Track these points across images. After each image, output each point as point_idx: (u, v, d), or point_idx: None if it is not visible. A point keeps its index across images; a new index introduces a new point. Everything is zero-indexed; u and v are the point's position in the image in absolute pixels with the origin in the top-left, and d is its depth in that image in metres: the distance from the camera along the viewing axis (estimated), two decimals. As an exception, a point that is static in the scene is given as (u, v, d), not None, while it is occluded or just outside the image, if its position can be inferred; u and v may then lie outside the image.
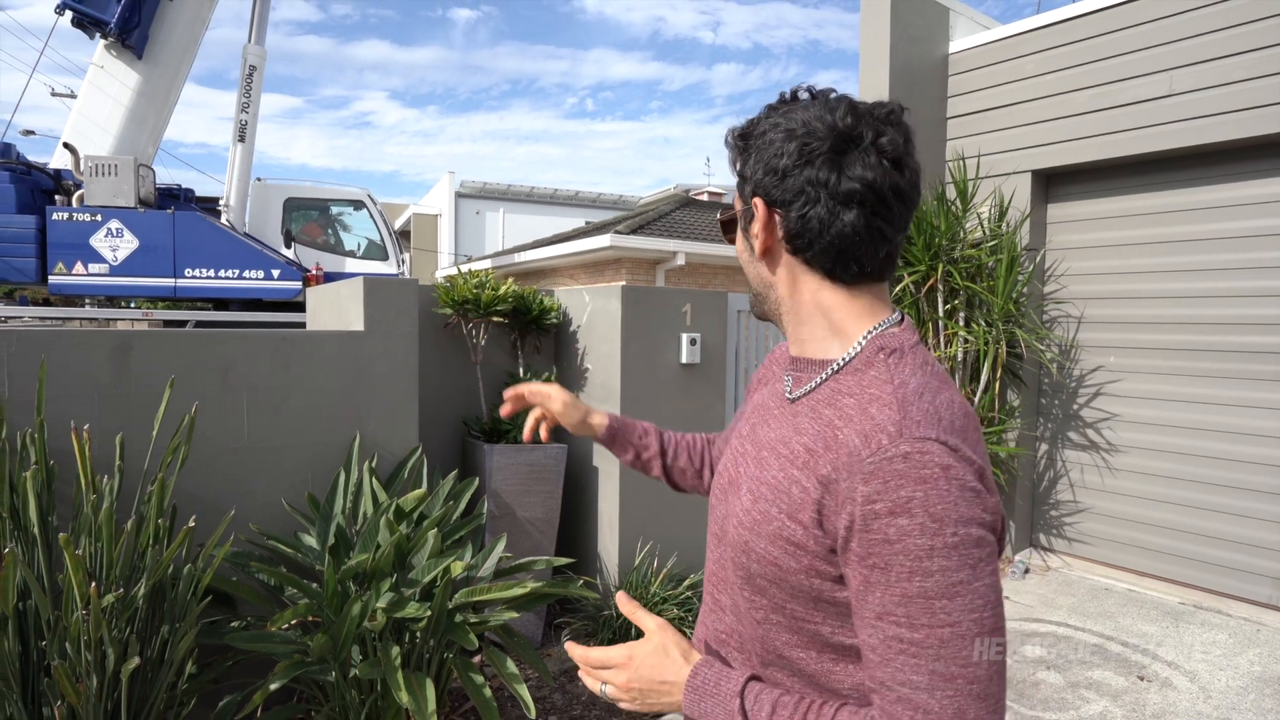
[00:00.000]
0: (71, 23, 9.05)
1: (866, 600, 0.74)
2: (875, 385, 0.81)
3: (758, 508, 0.85)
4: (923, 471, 0.72)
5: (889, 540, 0.71)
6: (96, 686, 1.78)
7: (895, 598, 0.72)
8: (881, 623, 0.73)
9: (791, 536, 0.80)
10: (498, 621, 2.45)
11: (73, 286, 8.76)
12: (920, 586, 0.71)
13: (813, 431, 0.82)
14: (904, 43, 4.95)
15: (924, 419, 0.75)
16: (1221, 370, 4.19)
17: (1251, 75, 3.86)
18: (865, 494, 0.73)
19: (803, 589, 0.81)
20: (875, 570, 0.73)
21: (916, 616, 0.71)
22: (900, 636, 0.72)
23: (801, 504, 0.79)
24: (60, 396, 2.40)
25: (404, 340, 3.05)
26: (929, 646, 0.71)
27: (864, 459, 0.74)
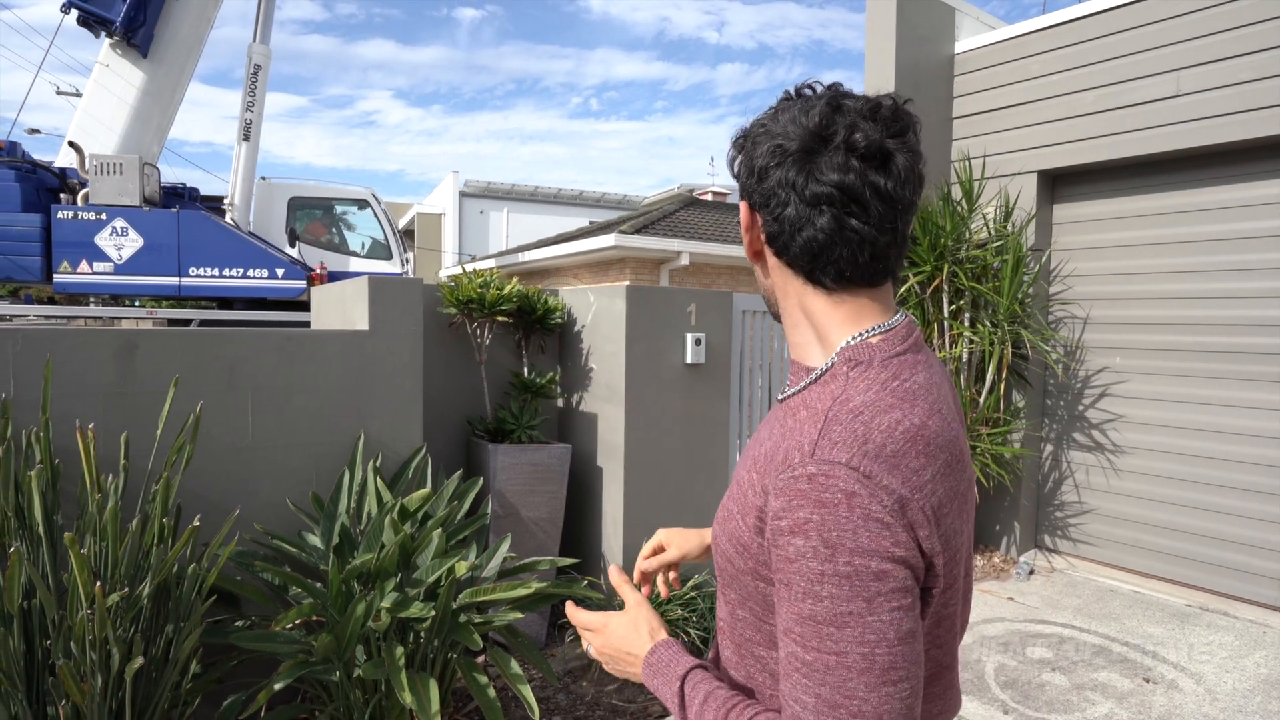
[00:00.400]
0: (77, 21, 9.07)
1: (778, 612, 0.75)
2: (822, 400, 0.79)
3: (726, 505, 0.87)
4: (823, 495, 0.71)
5: (789, 559, 0.72)
6: (101, 686, 1.78)
7: (794, 616, 0.72)
8: (785, 638, 0.74)
9: (741, 537, 0.81)
10: (502, 622, 2.44)
11: (77, 285, 8.78)
12: (811, 609, 0.70)
13: (774, 438, 0.82)
14: (910, 43, 4.93)
15: (843, 441, 0.73)
16: (1229, 372, 4.17)
17: (1259, 76, 3.85)
18: (774, 509, 0.74)
19: (752, 590, 0.82)
20: (780, 585, 0.74)
21: (808, 638, 0.71)
22: (795, 654, 0.72)
23: (750, 508, 0.80)
24: (65, 395, 2.40)
25: (409, 340, 3.05)
26: (817, 670, 0.70)
27: (779, 474, 0.75)
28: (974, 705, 2.97)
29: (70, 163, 9.13)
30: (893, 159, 0.79)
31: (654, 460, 3.61)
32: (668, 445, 3.65)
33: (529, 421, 3.53)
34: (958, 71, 5.18)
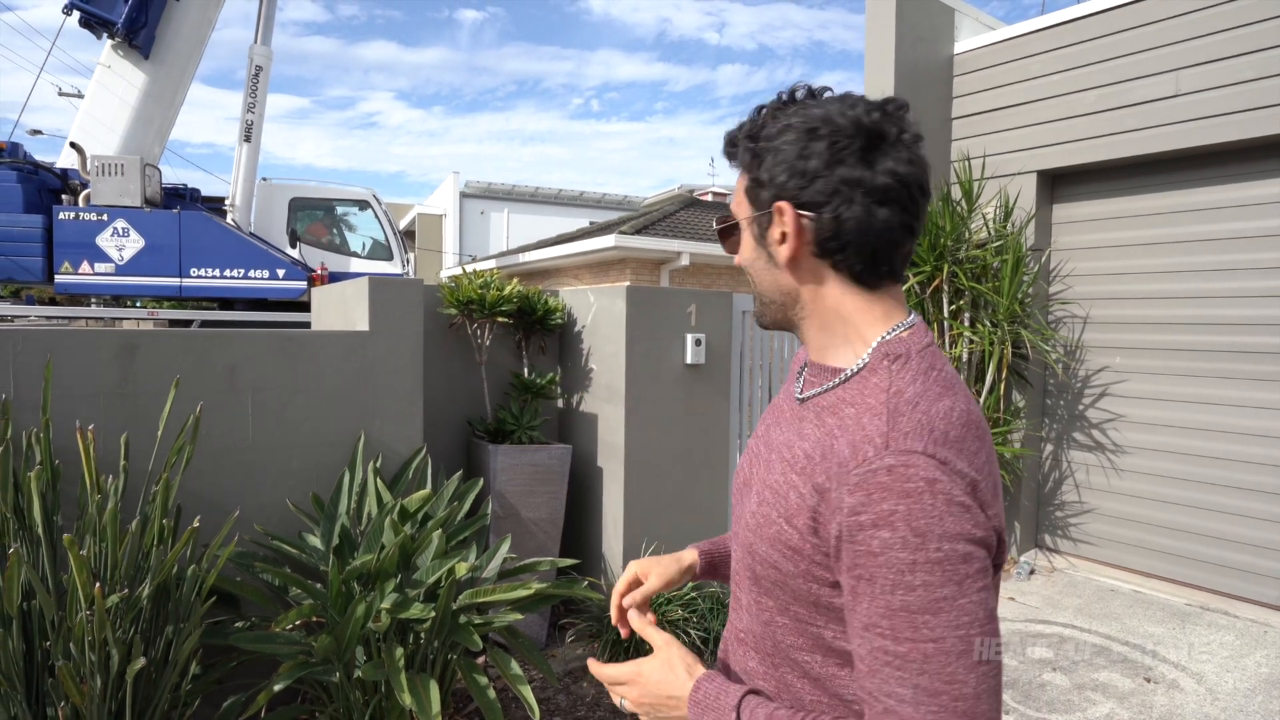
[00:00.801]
0: (79, 23, 9.09)
1: (855, 610, 0.74)
2: (873, 394, 0.80)
3: (761, 510, 0.85)
4: (906, 485, 0.71)
5: (873, 553, 0.71)
6: (101, 687, 1.78)
7: (880, 610, 0.71)
8: (868, 633, 0.73)
9: (789, 541, 0.80)
10: (502, 623, 2.44)
11: (79, 286, 8.79)
12: (903, 600, 0.70)
13: (814, 438, 0.82)
14: (909, 43, 4.93)
15: (913, 430, 0.74)
16: (1229, 371, 4.17)
17: (1258, 75, 3.84)
18: (850, 505, 0.73)
19: (802, 593, 0.81)
20: (861, 581, 0.73)
21: (900, 630, 0.70)
22: (885, 649, 0.71)
23: (798, 510, 0.79)
24: (66, 396, 2.40)
25: (409, 340, 3.05)
26: (913, 660, 0.70)
27: (850, 470, 0.74)
28: (974, 705, 2.97)
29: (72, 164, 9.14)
30: (924, 157, 0.85)
31: (654, 461, 3.61)
32: (668, 445, 3.65)
33: (529, 422, 3.53)
34: (957, 72, 5.18)
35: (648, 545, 3.57)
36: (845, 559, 0.74)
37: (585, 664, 3.26)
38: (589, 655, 3.31)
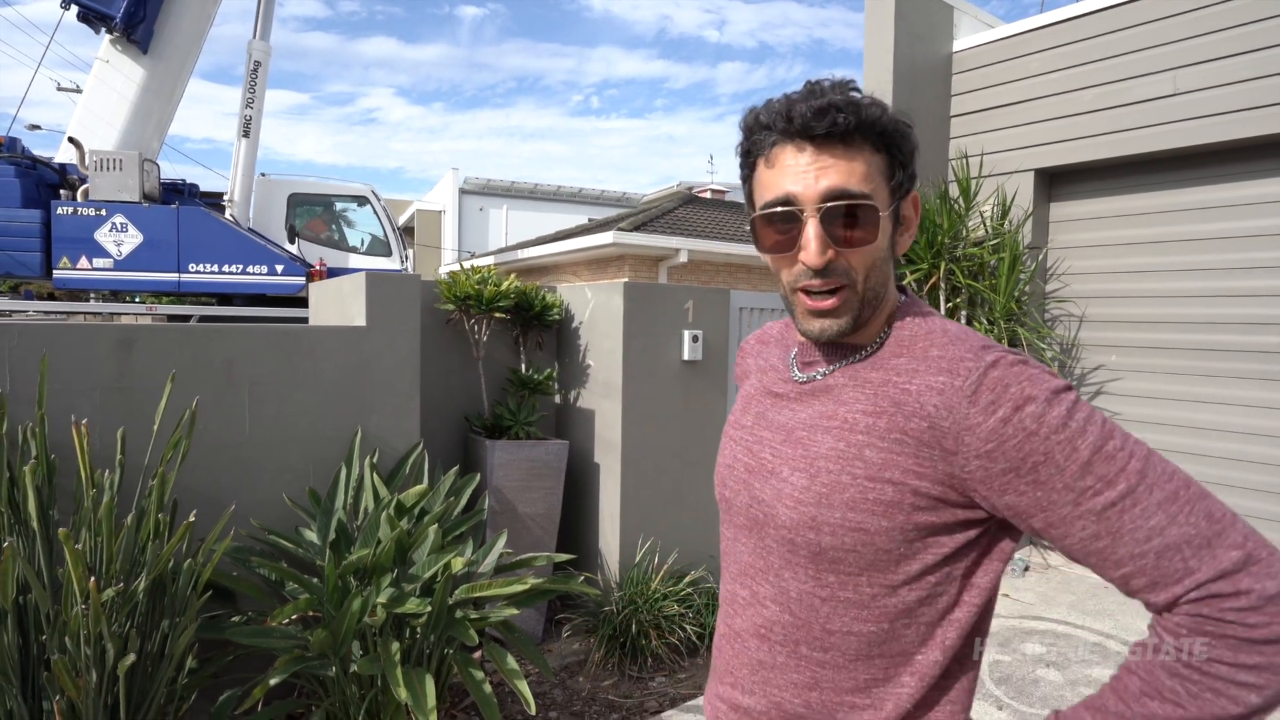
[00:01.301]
0: (77, 17, 9.06)
1: (1053, 500, 0.73)
2: (920, 338, 0.85)
3: (820, 480, 0.83)
4: (1013, 370, 0.75)
5: (1032, 431, 0.72)
6: (96, 681, 1.79)
7: (1076, 471, 0.71)
8: (1082, 505, 0.72)
9: (880, 496, 0.79)
10: (498, 617, 2.45)
11: (77, 281, 8.78)
12: (1089, 444, 0.71)
13: (867, 398, 0.83)
14: (908, 41, 4.93)
15: (984, 343, 0.81)
16: (1224, 370, 4.18)
17: (1256, 75, 3.85)
18: (982, 412, 0.74)
19: (885, 548, 0.80)
20: (1040, 466, 0.72)
21: (1105, 472, 0.71)
22: (1109, 501, 0.71)
23: (884, 464, 0.79)
24: (62, 391, 2.41)
25: (406, 336, 3.06)
26: (1136, 487, 0.70)
27: (962, 387, 0.76)
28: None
29: (70, 158, 9.13)
30: None
31: (651, 456, 3.62)
32: (665, 442, 3.66)
33: (526, 418, 3.54)
34: (956, 70, 5.18)
35: (644, 541, 3.58)
36: (1006, 467, 0.74)
37: (582, 659, 3.26)
38: (585, 650, 3.32)
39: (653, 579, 3.41)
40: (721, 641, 0.97)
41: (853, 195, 0.81)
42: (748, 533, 0.93)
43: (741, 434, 0.98)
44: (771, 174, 0.84)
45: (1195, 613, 0.69)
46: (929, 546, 0.80)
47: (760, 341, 1.09)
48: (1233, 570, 0.68)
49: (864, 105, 0.82)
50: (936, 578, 0.81)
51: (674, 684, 3.09)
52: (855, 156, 0.82)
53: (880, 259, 0.85)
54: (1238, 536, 0.69)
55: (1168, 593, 0.70)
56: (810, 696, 0.87)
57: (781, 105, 0.83)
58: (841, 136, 0.81)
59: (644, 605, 3.27)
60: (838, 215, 0.81)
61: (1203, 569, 0.68)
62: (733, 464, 0.97)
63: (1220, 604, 0.67)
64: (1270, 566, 0.68)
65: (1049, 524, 0.74)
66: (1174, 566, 0.69)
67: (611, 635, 3.22)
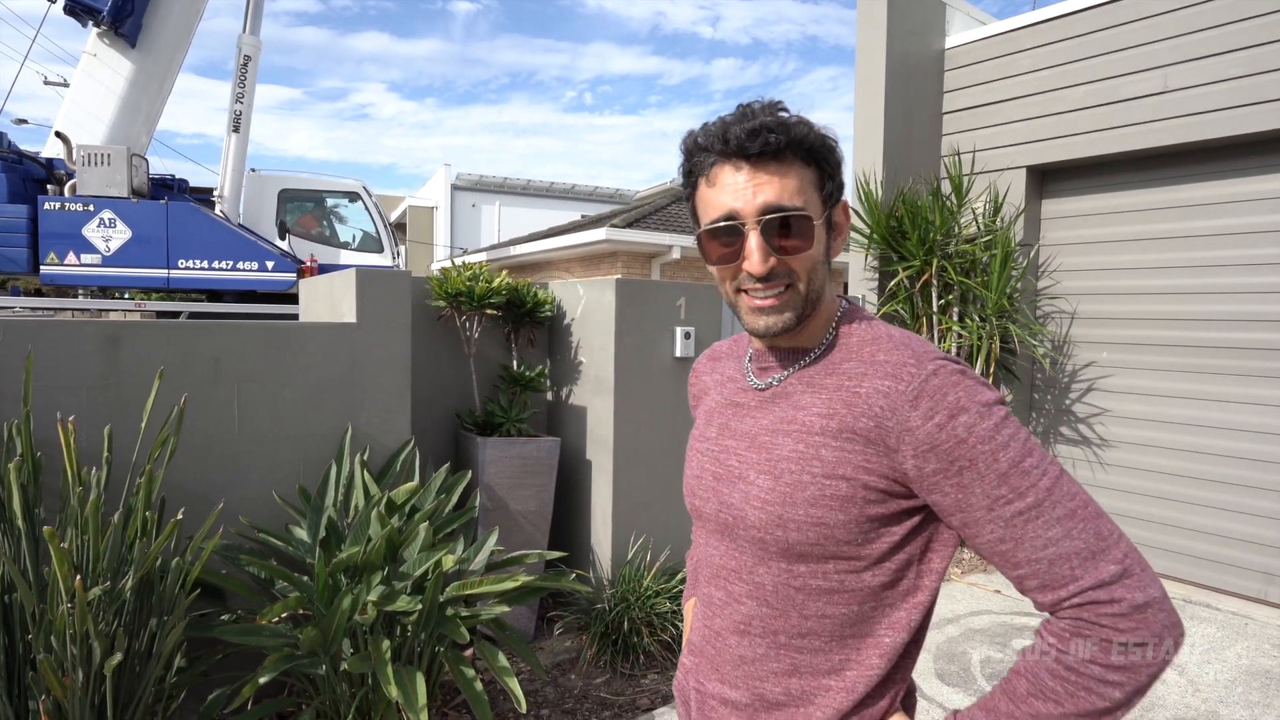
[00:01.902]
0: (64, 10, 8.98)
1: (971, 503, 0.82)
2: (868, 344, 0.93)
3: (784, 481, 0.91)
4: (951, 379, 0.84)
5: (962, 439, 0.81)
6: (82, 680, 1.77)
7: (994, 480, 0.80)
8: (994, 511, 0.81)
9: (836, 493, 0.87)
10: (490, 615, 2.44)
11: (65, 277, 8.71)
12: (1009, 459, 0.80)
13: (821, 401, 0.91)
14: (900, 38, 4.93)
15: (926, 350, 0.89)
16: (1214, 366, 4.20)
17: (1247, 72, 3.86)
18: (922, 416, 0.83)
19: (845, 539, 0.88)
20: (965, 471, 0.81)
21: (1019, 485, 0.80)
22: (1018, 510, 0.80)
23: (838, 462, 0.88)
24: (48, 388, 2.38)
25: (397, 332, 3.04)
26: (1042, 502, 0.80)
27: (905, 392, 0.84)
28: (959, 696, 2.99)
29: (57, 153, 9.05)
30: None
31: (643, 453, 3.61)
32: (657, 438, 3.65)
33: (518, 415, 3.53)
34: (948, 66, 5.18)
35: (636, 538, 3.57)
36: (937, 466, 0.82)
37: (573, 656, 3.26)
38: (577, 648, 3.32)
39: (645, 576, 3.40)
40: (704, 643, 1.03)
41: (787, 208, 0.89)
42: (719, 537, 1.00)
43: (707, 445, 1.04)
44: (713, 192, 0.92)
45: (1076, 616, 0.79)
46: (882, 535, 0.89)
47: (712, 359, 1.17)
48: (1110, 581, 0.78)
49: (792, 125, 0.89)
50: (895, 564, 0.90)
51: (666, 681, 3.09)
52: (787, 172, 0.89)
53: (817, 262, 0.93)
54: (1119, 553, 0.79)
55: (1054, 595, 0.80)
56: (790, 683, 0.94)
57: (718, 128, 0.90)
58: (774, 154, 0.89)
59: (636, 602, 3.26)
60: (775, 227, 0.89)
61: (1085, 578, 0.78)
62: (700, 474, 1.04)
63: (1097, 609, 0.78)
64: (1141, 581, 0.78)
65: (964, 523, 0.84)
66: (1062, 573, 0.79)
67: (603, 632, 3.22)
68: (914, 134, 5.08)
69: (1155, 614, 0.77)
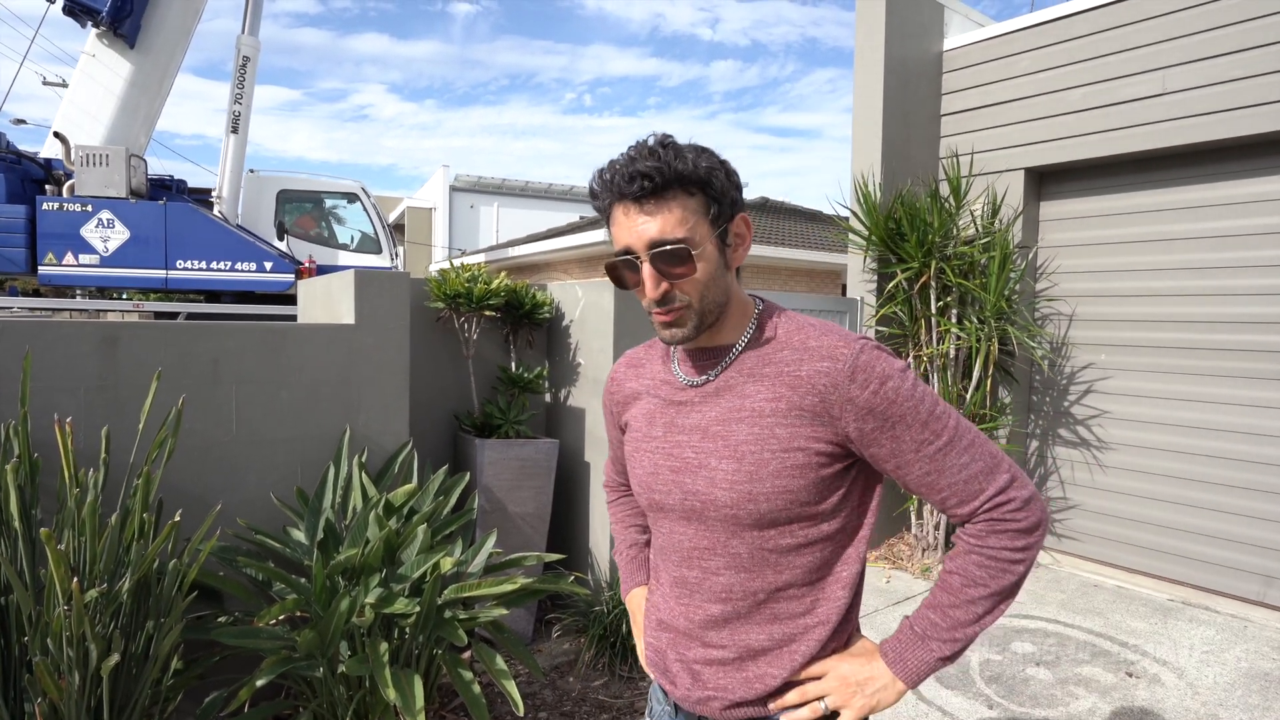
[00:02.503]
0: (63, 10, 8.97)
1: (902, 449, 1.02)
2: (796, 334, 1.08)
3: (747, 462, 1.04)
4: (875, 353, 1.03)
5: (893, 400, 1.00)
6: (79, 683, 1.77)
7: (919, 427, 1.01)
8: (921, 450, 1.02)
9: (795, 462, 1.03)
10: (488, 617, 2.44)
11: (63, 277, 8.70)
12: (927, 409, 1.01)
13: (766, 388, 1.06)
14: (899, 40, 4.93)
15: (846, 333, 1.06)
16: (1212, 368, 4.20)
17: (1245, 74, 3.86)
18: (859, 387, 1.01)
19: (806, 500, 1.04)
20: (898, 425, 1.01)
21: (937, 427, 1.01)
22: (938, 448, 1.02)
23: (791, 437, 1.03)
24: (46, 389, 2.38)
25: (395, 334, 3.04)
26: (956, 438, 1.02)
27: (842, 370, 1.01)
28: (959, 700, 2.99)
29: (56, 154, 9.04)
30: None
31: (641, 456, 3.60)
32: (655, 441, 3.65)
33: (516, 416, 3.52)
34: (946, 69, 5.19)
35: (635, 540, 3.57)
36: (875, 425, 1.01)
37: (572, 659, 3.25)
38: (575, 650, 3.31)
39: (643, 578, 3.39)
40: (679, 619, 1.15)
41: (669, 241, 1.01)
42: (686, 522, 1.12)
43: (656, 444, 1.15)
44: (615, 230, 1.06)
45: (989, 516, 1.03)
46: (833, 490, 1.06)
47: (631, 365, 1.27)
48: (1006, 486, 1.03)
49: (669, 163, 1.00)
50: (844, 511, 1.08)
51: (664, 683, 3.08)
52: (670, 206, 1.01)
53: (708, 279, 1.05)
54: (1006, 465, 1.04)
55: (970, 506, 1.03)
56: (773, 629, 1.09)
57: (609, 173, 1.03)
58: (653, 193, 1.00)
59: (634, 604, 3.26)
60: (662, 258, 1.02)
61: (990, 488, 1.02)
62: (656, 470, 1.14)
63: (1003, 509, 1.02)
64: (1023, 481, 1.04)
65: (898, 465, 1.03)
66: (973, 488, 1.02)
67: (602, 635, 3.21)
68: (912, 136, 5.08)
69: (1036, 503, 1.03)
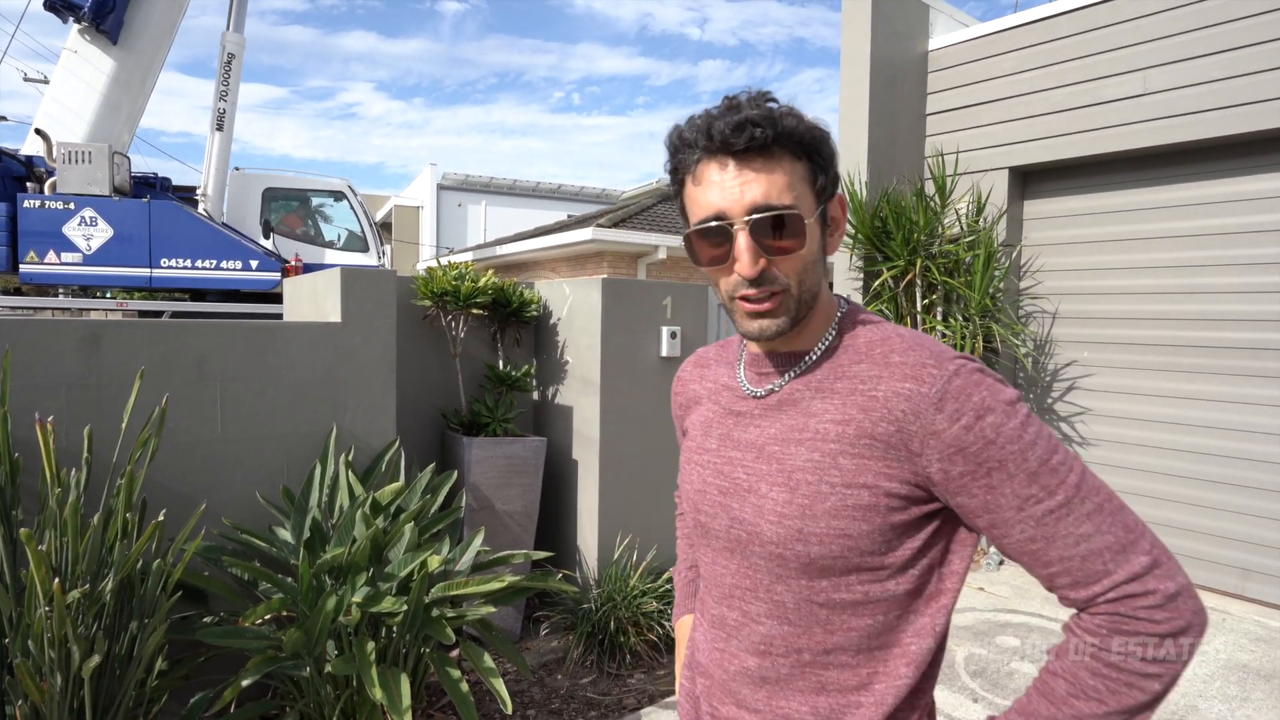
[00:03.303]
0: (44, 6, 8.87)
1: (1000, 503, 0.79)
2: (878, 345, 0.88)
3: (801, 493, 0.86)
4: (973, 378, 0.81)
5: (991, 440, 0.78)
6: (61, 685, 1.76)
7: (1024, 480, 0.78)
8: (1025, 510, 0.78)
9: (858, 502, 0.83)
10: (475, 616, 2.44)
11: (45, 275, 8.61)
12: (1037, 457, 0.78)
13: (834, 407, 0.86)
14: (885, 39, 4.96)
15: (941, 349, 0.85)
16: (1193, 365, 4.26)
17: (1225, 75, 3.91)
18: (948, 418, 0.79)
19: (869, 550, 0.84)
20: (994, 472, 0.78)
21: (1049, 483, 0.78)
22: (1049, 509, 0.78)
23: (858, 470, 0.83)
24: (27, 387, 2.35)
25: (382, 332, 3.03)
26: (1071, 499, 0.78)
27: (928, 394, 0.81)
28: (944, 694, 3.01)
29: (37, 150, 8.94)
30: None
31: (629, 453, 3.61)
32: (643, 438, 3.66)
33: (504, 414, 3.52)
34: (931, 68, 5.22)
35: (622, 537, 3.58)
36: (964, 468, 0.79)
37: (560, 656, 3.26)
38: (564, 648, 3.32)
39: (631, 575, 3.41)
40: (715, 666, 0.97)
41: (776, 206, 0.84)
42: (729, 554, 0.94)
43: (708, 457, 0.98)
44: (700, 191, 0.87)
45: (1112, 611, 0.78)
46: (905, 542, 0.85)
47: (699, 366, 1.10)
48: (1142, 573, 0.77)
49: (780, 117, 0.83)
50: (918, 569, 0.86)
51: (652, 680, 3.09)
52: (776, 168, 0.84)
53: (811, 262, 0.88)
54: (1146, 544, 0.78)
55: (1088, 591, 0.79)
56: (817, 702, 0.89)
57: (702, 122, 0.85)
58: (761, 149, 0.83)
59: (622, 602, 3.27)
60: (765, 226, 0.84)
61: (1118, 571, 0.77)
62: (704, 488, 0.97)
63: (1133, 603, 0.76)
64: (1170, 570, 0.77)
65: (992, 524, 0.81)
66: (1095, 569, 0.78)
67: (590, 632, 3.22)
68: (898, 135, 5.11)
69: (1186, 601, 0.77)
